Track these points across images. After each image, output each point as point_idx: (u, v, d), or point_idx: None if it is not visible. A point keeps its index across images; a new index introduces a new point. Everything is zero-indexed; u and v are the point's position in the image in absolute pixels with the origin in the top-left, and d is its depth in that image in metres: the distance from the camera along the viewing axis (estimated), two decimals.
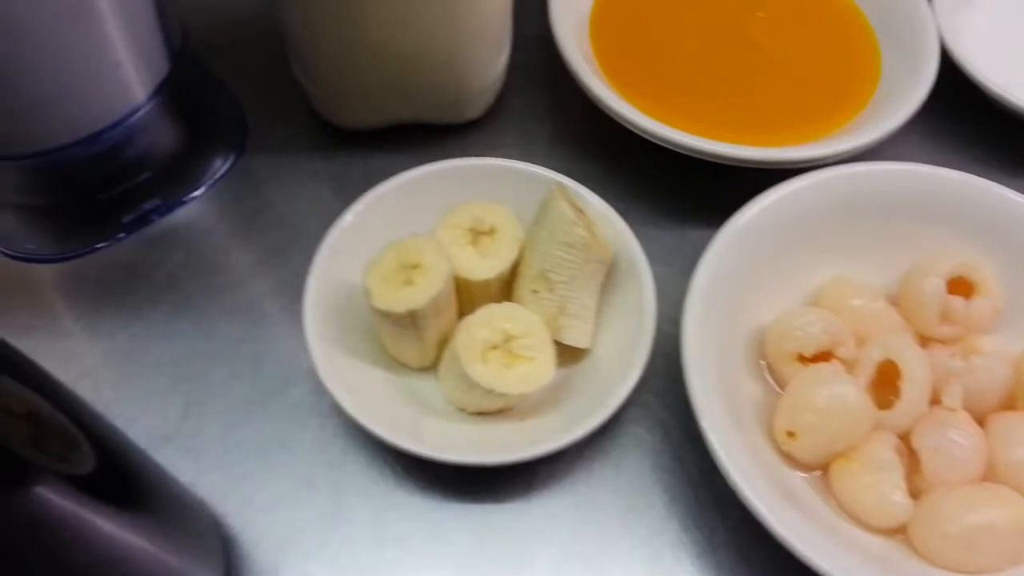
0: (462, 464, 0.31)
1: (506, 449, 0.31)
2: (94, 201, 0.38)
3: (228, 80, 0.44)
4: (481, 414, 0.34)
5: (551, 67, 0.45)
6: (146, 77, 0.35)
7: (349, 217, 0.36)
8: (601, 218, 0.35)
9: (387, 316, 0.31)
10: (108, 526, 0.22)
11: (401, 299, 0.31)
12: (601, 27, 0.43)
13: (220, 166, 0.41)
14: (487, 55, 0.40)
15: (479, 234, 0.34)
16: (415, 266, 0.32)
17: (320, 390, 0.35)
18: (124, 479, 0.24)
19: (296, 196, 0.41)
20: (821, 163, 0.37)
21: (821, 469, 0.32)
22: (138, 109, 0.35)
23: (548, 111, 0.44)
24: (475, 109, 0.42)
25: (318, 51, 0.38)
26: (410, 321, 0.32)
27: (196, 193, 0.40)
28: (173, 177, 0.39)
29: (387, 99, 0.40)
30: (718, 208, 0.35)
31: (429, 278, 0.31)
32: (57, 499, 0.20)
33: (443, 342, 0.34)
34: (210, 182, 0.41)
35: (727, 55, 0.42)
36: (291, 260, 0.39)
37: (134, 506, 0.24)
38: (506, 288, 0.35)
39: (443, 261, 0.32)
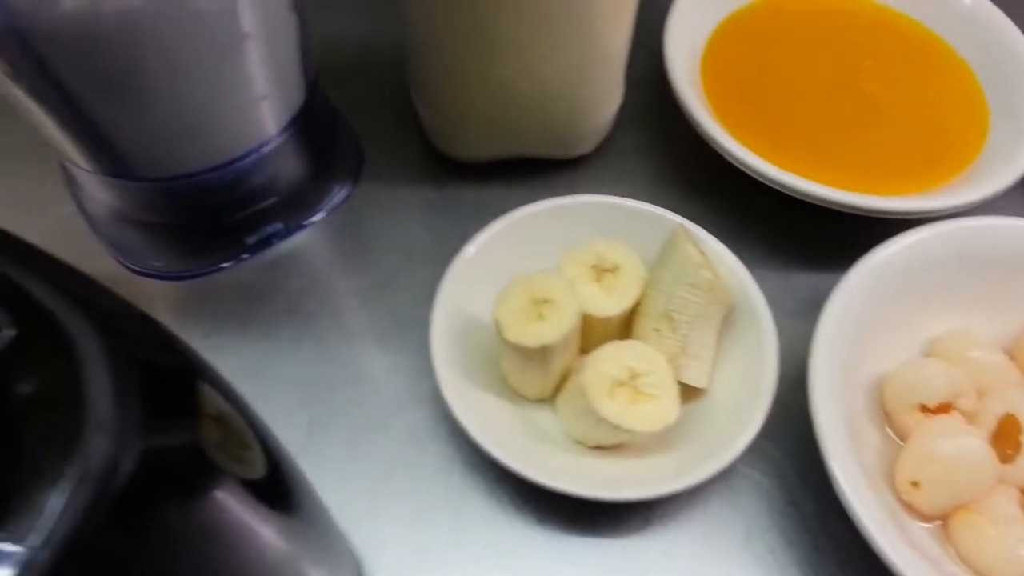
0: (584, 497, 0.32)
1: (628, 485, 0.32)
2: (221, 223, 0.39)
3: (341, 108, 0.45)
4: (598, 448, 0.34)
5: (657, 105, 0.46)
6: (284, 109, 0.36)
7: (472, 248, 0.37)
8: (718, 260, 0.36)
9: (518, 349, 0.32)
10: (269, 532, 0.23)
11: (534, 333, 0.32)
12: (712, 67, 0.43)
13: (338, 193, 0.42)
14: (607, 94, 0.41)
15: (602, 271, 0.35)
16: (545, 301, 0.32)
17: (438, 416, 0.36)
18: (286, 487, 0.25)
19: (409, 224, 0.42)
20: (934, 215, 0.37)
21: (941, 520, 0.32)
22: (274, 138, 0.37)
23: (654, 148, 0.45)
24: (586, 146, 0.43)
25: (444, 85, 0.39)
26: (540, 355, 0.32)
27: (315, 218, 0.42)
28: (295, 202, 0.41)
29: (504, 134, 0.41)
30: (824, 252, 0.36)
31: (561, 314, 0.32)
32: (235, 503, 0.20)
33: (564, 375, 0.35)
34: (329, 208, 0.42)
35: (835, 100, 0.43)
36: (407, 287, 0.40)
37: (290, 514, 0.25)
38: (624, 325, 0.36)
39: (573, 297, 0.32)
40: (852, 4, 0.46)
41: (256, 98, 0.34)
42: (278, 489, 0.24)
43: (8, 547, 0.14)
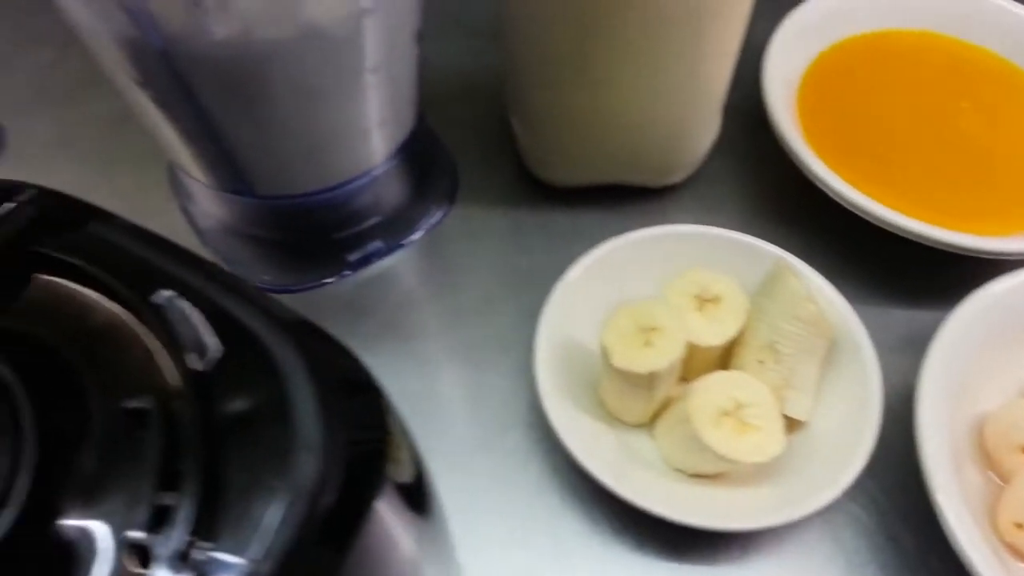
0: (684, 524, 0.32)
1: (729, 515, 0.32)
2: (326, 240, 0.40)
3: (437, 130, 0.46)
4: (696, 475, 0.35)
5: (749, 134, 0.46)
6: (397, 134, 0.37)
7: (574, 273, 0.37)
8: (818, 293, 0.36)
9: (624, 375, 0.33)
10: (415, 536, 0.23)
11: (641, 360, 0.32)
12: (808, 99, 0.44)
13: (435, 213, 0.43)
14: (706, 125, 0.42)
15: (705, 301, 0.35)
16: (652, 329, 0.33)
17: (536, 437, 0.37)
18: (428, 492, 0.25)
19: (503, 246, 0.43)
20: None
21: None
22: (386, 162, 0.38)
23: (746, 177, 0.46)
24: (681, 174, 0.44)
25: (546, 114, 0.40)
26: (646, 381, 0.33)
27: (414, 237, 0.43)
28: (395, 222, 0.42)
29: (602, 162, 0.42)
30: (920, 288, 0.36)
31: (668, 342, 0.33)
32: (399, 510, 0.21)
33: (664, 402, 0.35)
34: (426, 228, 0.43)
35: (932, 138, 0.43)
36: (503, 309, 0.41)
37: (429, 519, 0.26)
38: (724, 354, 0.36)
39: (681, 326, 0.33)
40: (950, 45, 0.46)
41: (375, 124, 0.35)
42: (423, 495, 0.25)
43: (230, 559, 0.15)
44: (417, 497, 0.21)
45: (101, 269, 0.17)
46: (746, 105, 0.45)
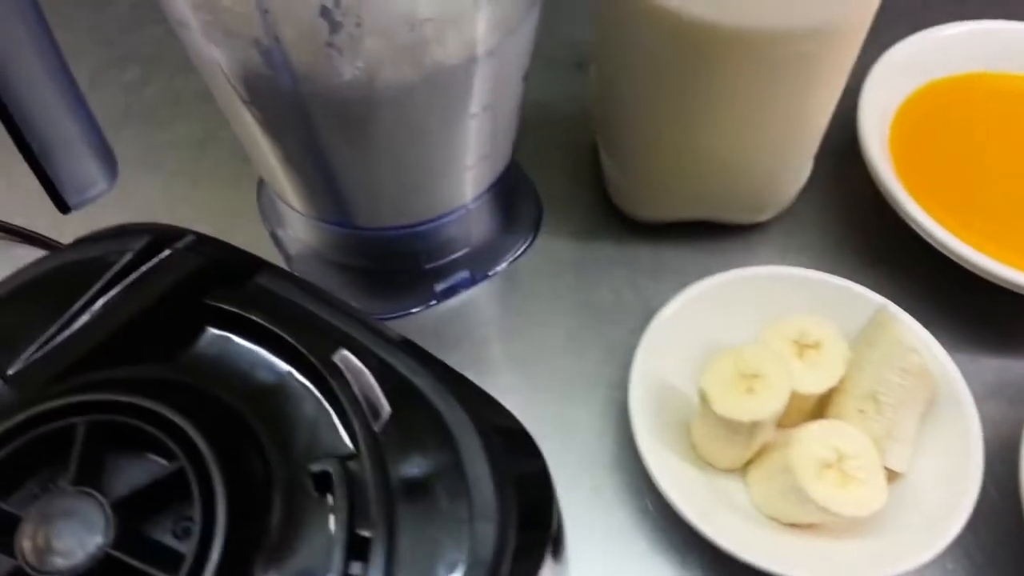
0: (779, 575, 0.31)
1: (826, 567, 0.32)
2: (415, 270, 0.40)
3: (521, 161, 0.46)
4: (791, 524, 0.34)
5: (839, 173, 0.46)
6: (497, 167, 0.38)
7: (670, 310, 0.37)
8: (920, 342, 0.36)
9: (724, 422, 0.32)
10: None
11: (744, 408, 0.32)
12: (902, 139, 0.43)
13: (520, 245, 0.43)
14: (801, 164, 0.41)
15: (804, 347, 0.35)
16: (755, 376, 0.33)
17: (624, 476, 0.37)
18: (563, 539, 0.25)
19: (588, 280, 0.43)
20: None
21: None
22: (482, 195, 0.38)
23: (834, 216, 0.45)
24: (771, 212, 0.43)
25: (639, 151, 0.40)
26: (747, 429, 0.32)
27: (499, 269, 0.43)
28: (483, 253, 0.42)
29: (693, 198, 0.41)
30: (1012, 335, 0.35)
31: (772, 390, 0.32)
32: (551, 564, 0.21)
33: (760, 448, 0.35)
34: (511, 259, 0.43)
35: None
36: (589, 343, 0.40)
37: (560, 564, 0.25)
38: (821, 402, 0.35)
39: (785, 374, 0.33)
40: None
41: (478, 160, 0.35)
42: (561, 542, 0.25)
43: None
44: (559, 545, 0.21)
45: (272, 323, 0.17)
46: (837, 141, 0.44)
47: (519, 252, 0.43)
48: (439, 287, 0.41)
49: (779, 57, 0.33)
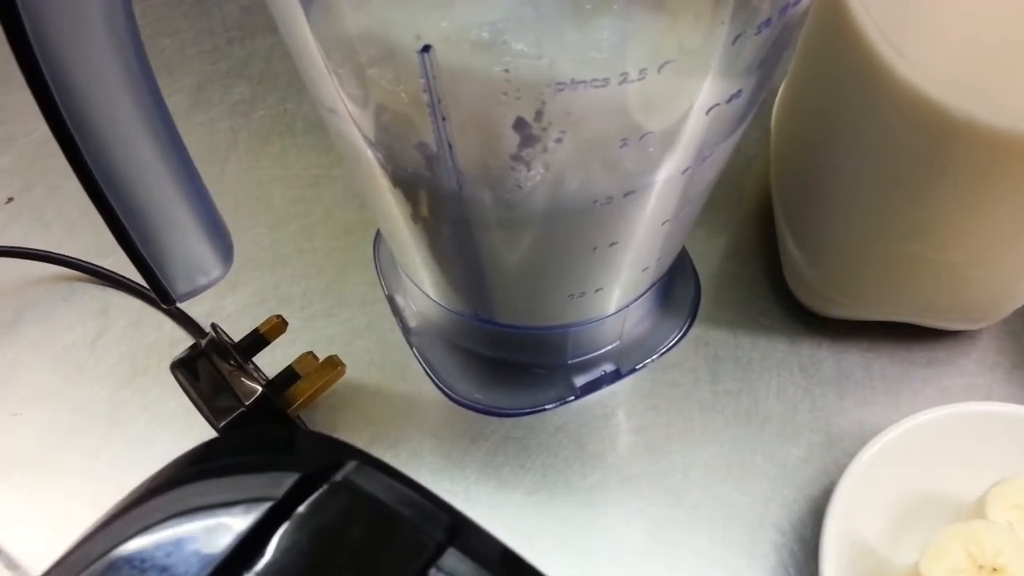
0: None
1: None
2: (564, 366, 0.35)
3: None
4: None
5: None
6: (664, 268, 0.32)
7: (868, 455, 0.30)
8: None
9: None
10: None
11: None
12: None
13: (673, 335, 0.37)
14: None
15: None
16: (995, 570, 0.26)
17: None
18: None
19: (754, 386, 0.36)
20: None
21: None
22: (641, 297, 0.32)
23: None
24: (988, 322, 0.36)
25: (840, 246, 0.33)
26: None
27: (648, 362, 0.36)
28: (631, 344, 0.36)
29: (898, 303, 0.34)
30: None
31: None
32: None
33: None
34: (662, 351, 0.37)
35: None
36: (748, 465, 0.34)
37: None
38: None
39: None
40: None
41: (648, 267, 0.29)
42: None
43: None
44: None
45: None
46: None
47: (672, 343, 0.37)
48: (579, 381, 0.35)
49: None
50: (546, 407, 0.35)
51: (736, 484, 0.34)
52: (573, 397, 0.35)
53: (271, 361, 0.34)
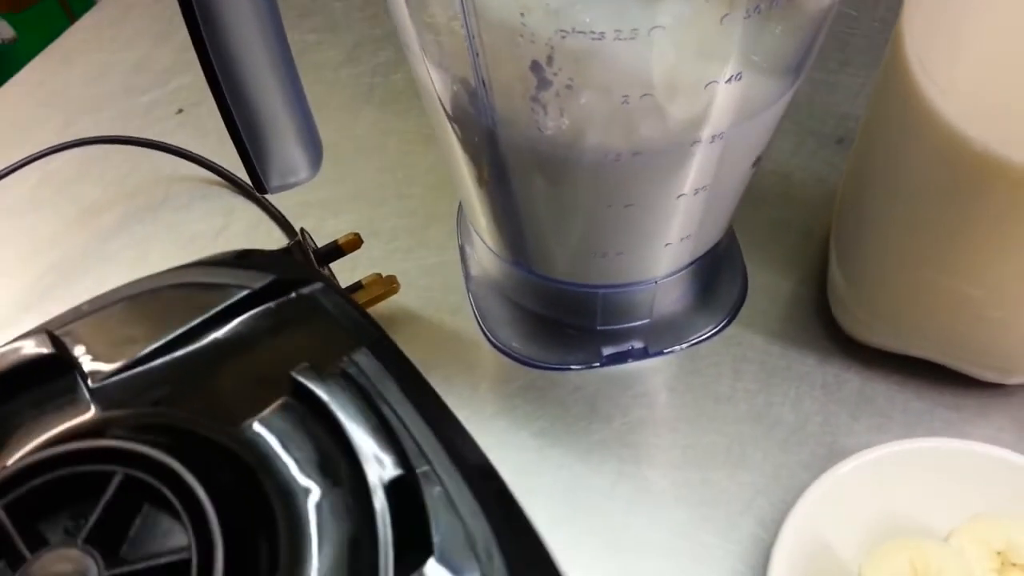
0: None
1: None
2: (588, 329, 0.38)
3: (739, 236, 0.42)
4: None
5: None
6: (699, 248, 0.34)
7: (846, 468, 0.32)
8: None
9: None
10: None
11: None
12: None
13: (709, 328, 0.39)
14: None
15: (1010, 565, 0.28)
16: None
17: None
18: None
19: (774, 392, 0.37)
20: None
21: None
22: (678, 271, 0.34)
23: None
24: (1010, 376, 0.35)
25: (878, 274, 0.34)
26: None
27: (676, 348, 0.39)
28: (663, 327, 0.38)
29: (931, 340, 0.35)
30: None
31: None
32: None
33: None
34: (694, 341, 0.39)
35: None
36: (750, 460, 0.35)
37: None
38: None
39: None
40: None
41: (678, 239, 0.32)
42: None
43: None
44: None
45: (347, 420, 0.15)
46: None
47: (705, 335, 0.39)
48: (607, 351, 0.38)
49: None
50: (572, 367, 0.38)
51: (730, 472, 0.35)
52: (598, 364, 0.38)
53: (351, 278, 0.40)
